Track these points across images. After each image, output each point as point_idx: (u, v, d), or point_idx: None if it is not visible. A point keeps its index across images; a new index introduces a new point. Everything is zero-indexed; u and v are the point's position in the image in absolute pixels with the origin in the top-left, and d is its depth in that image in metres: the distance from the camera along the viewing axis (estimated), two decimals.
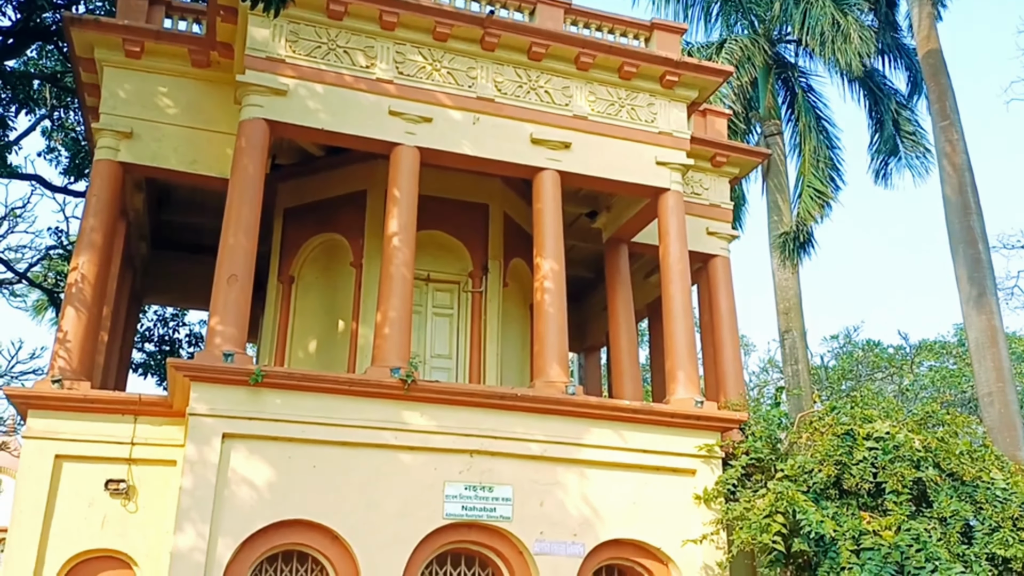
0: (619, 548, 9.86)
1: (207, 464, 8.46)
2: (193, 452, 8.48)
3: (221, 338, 8.96)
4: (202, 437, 8.55)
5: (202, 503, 8.33)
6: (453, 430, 9.40)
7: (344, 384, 9.19)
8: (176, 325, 19.18)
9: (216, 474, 8.46)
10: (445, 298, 12.24)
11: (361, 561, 8.70)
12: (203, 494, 8.36)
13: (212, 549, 8.24)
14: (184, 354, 18.48)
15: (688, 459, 10.23)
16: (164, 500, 9.39)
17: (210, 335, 9.12)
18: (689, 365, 10.84)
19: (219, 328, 9.03)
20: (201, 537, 8.21)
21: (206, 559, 8.17)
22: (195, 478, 8.40)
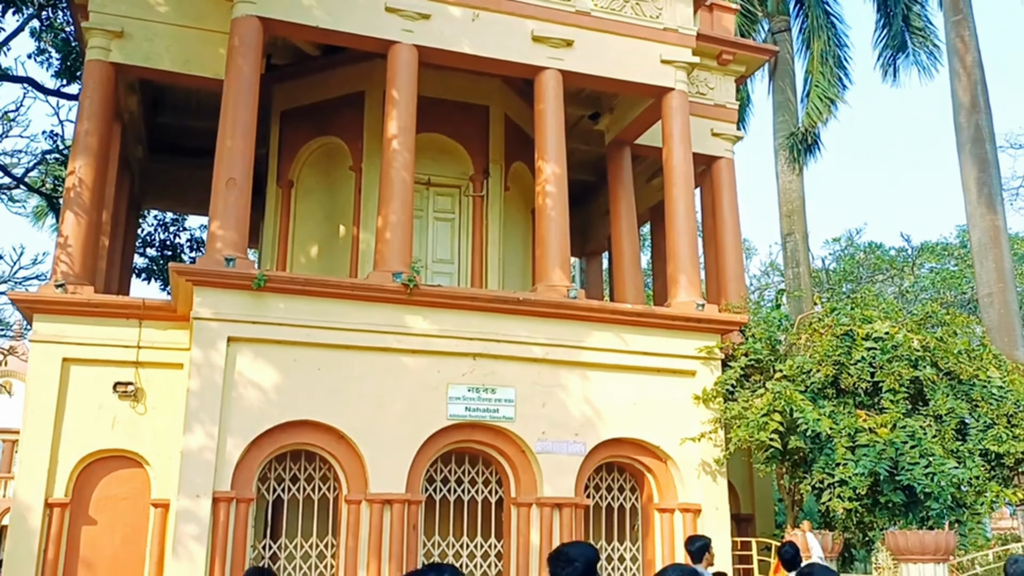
0: (619, 447, 10.08)
1: (213, 367, 8.57)
2: (199, 355, 8.58)
3: (222, 243, 8.94)
4: (207, 341, 8.63)
5: (210, 405, 8.48)
6: (456, 334, 9.47)
7: (347, 289, 9.22)
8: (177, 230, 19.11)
9: (223, 377, 8.58)
10: (446, 202, 12.15)
11: (367, 459, 8.92)
12: (210, 396, 8.50)
13: (221, 448, 8.43)
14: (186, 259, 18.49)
15: (688, 361, 10.35)
16: (172, 402, 9.56)
17: (211, 240, 9.09)
18: (691, 268, 10.84)
19: (219, 233, 8.99)
20: (210, 437, 8.39)
21: (216, 458, 8.37)
22: (202, 380, 8.52)
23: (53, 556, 9.09)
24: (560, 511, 9.50)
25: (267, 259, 12.14)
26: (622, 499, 10.41)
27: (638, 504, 10.44)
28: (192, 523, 8.16)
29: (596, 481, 10.27)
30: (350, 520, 8.87)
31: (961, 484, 8.57)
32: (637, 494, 10.48)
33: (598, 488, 10.29)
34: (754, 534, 11.20)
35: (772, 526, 11.82)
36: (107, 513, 9.44)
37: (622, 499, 10.41)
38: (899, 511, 8.67)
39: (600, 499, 10.28)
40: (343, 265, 11.50)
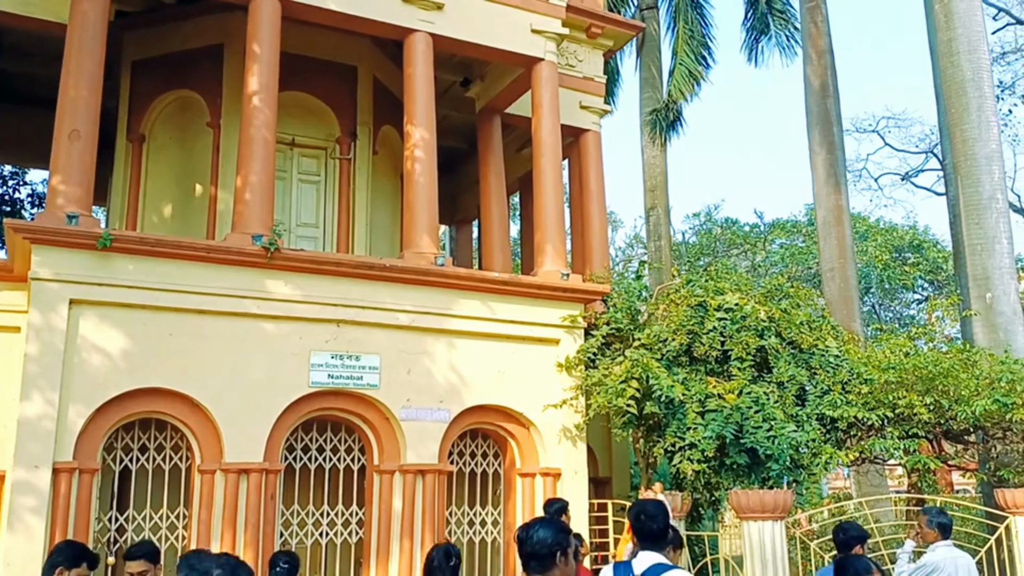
0: (484, 413, 10.19)
1: (54, 331, 8.04)
2: (38, 319, 8.02)
3: (64, 199, 8.34)
4: (47, 303, 8.07)
5: (50, 370, 7.96)
6: (319, 299, 9.26)
7: (202, 251, 8.81)
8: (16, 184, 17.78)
9: (64, 341, 8.06)
10: (311, 164, 11.81)
11: (223, 428, 8.63)
12: (50, 361, 7.98)
13: (63, 417, 7.95)
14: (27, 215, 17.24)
15: (553, 329, 10.53)
16: (8, 368, 8.88)
17: (51, 195, 8.46)
18: (557, 238, 11.01)
19: (61, 188, 8.39)
20: (50, 405, 7.89)
21: (56, 427, 7.88)
22: (41, 345, 7.98)
23: None
24: (423, 477, 9.53)
25: (115, 218, 11.45)
26: (485, 465, 10.55)
27: (501, 469, 10.61)
28: (30, 495, 7.68)
29: (460, 448, 10.36)
30: (204, 490, 8.58)
31: (799, 446, 9.16)
32: (500, 459, 10.64)
33: (462, 454, 10.38)
34: (611, 496, 11.60)
35: (628, 488, 12.29)
36: None
37: (485, 465, 10.55)
38: (743, 472, 9.18)
39: (464, 465, 10.39)
40: (199, 226, 11.00)
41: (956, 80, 12.40)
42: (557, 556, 3.34)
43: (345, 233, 11.64)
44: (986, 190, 12.02)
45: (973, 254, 12.08)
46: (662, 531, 4.24)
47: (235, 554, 8.32)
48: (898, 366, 9.61)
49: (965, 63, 12.33)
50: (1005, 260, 11.87)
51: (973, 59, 12.31)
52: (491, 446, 10.63)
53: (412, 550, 9.31)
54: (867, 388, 9.64)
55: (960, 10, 12.44)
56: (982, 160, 12.10)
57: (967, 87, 12.28)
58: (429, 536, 9.37)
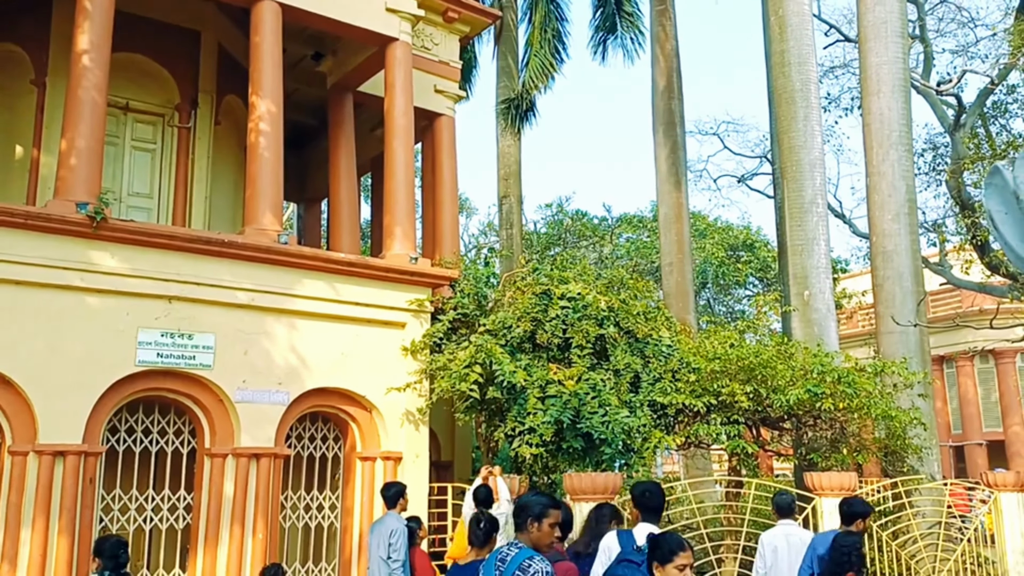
0: (325, 396, 10.03)
1: None
2: None
3: None
4: None
5: None
6: (149, 274, 8.79)
7: (20, 217, 8.16)
8: None
9: None
10: (147, 131, 11.21)
11: (37, 407, 8.07)
12: None
13: None
14: None
15: (399, 313, 10.50)
16: None
17: None
18: (407, 222, 10.96)
19: None
20: None
21: None
22: None
23: None
24: (258, 461, 9.28)
25: None
26: (325, 448, 10.39)
27: (341, 453, 10.48)
28: None
29: (299, 431, 10.16)
30: (14, 473, 7.98)
31: (631, 431, 9.55)
32: (341, 443, 10.52)
33: (300, 438, 10.18)
34: (452, 480, 11.70)
35: (470, 472, 12.44)
36: None
37: (325, 448, 10.39)
38: (578, 456, 9.49)
39: (303, 448, 10.19)
40: (19, 190, 10.21)
41: (786, 90, 13.26)
42: (529, 522, 4.16)
43: (182, 205, 11.13)
44: (808, 194, 12.94)
45: (794, 254, 13.00)
46: (659, 506, 5.15)
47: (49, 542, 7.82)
48: (723, 356, 10.20)
49: (795, 74, 13.21)
50: (822, 260, 12.85)
51: (802, 71, 13.21)
52: (332, 429, 10.49)
53: (243, 536, 9.05)
54: (695, 376, 10.17)
55: (793, 24, 13.30)
56: (806, 166, 13.02)
57: (796, 97, 13.16)
58: (262, 521, 9.14)
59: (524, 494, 4.44)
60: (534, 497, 4.25)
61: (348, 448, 10.45)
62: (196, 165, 11.37)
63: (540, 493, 4.32)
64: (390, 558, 7.72)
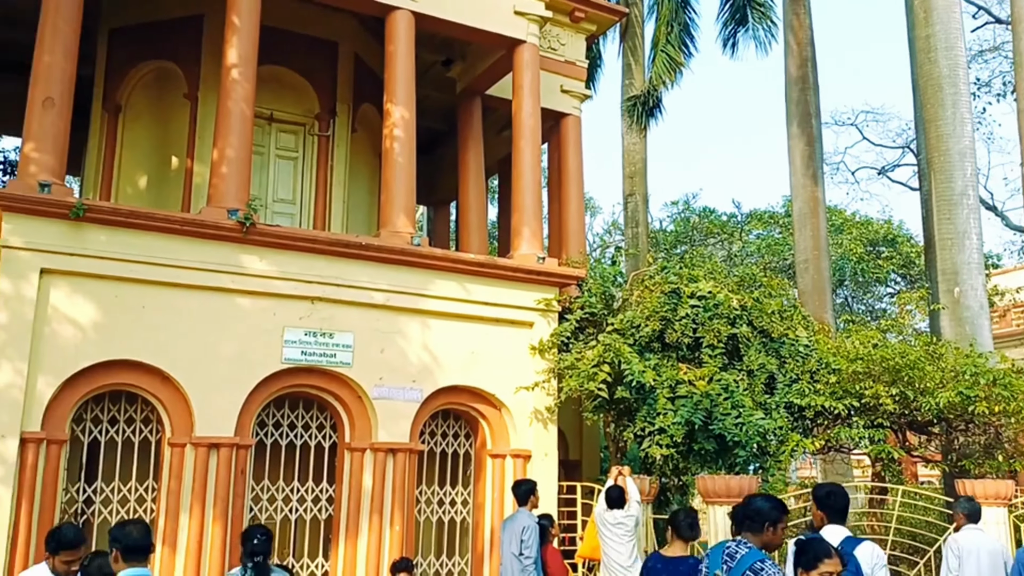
0: (456, 394, 10.23)
1: (24, 300, 7.96)
2: (8, 287, 7.95)
3: (37, 166, 8.25)
4: (17, 272, 7.99)
5: (19, 340, 7.89)
6: (294, 276, 9.24)
7: (177, 223, 8.76)
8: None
9: (34, 311, 7.98)
10: (289, 140, 11.75)
11: (194, 402, 8.62)
12: (20, 331, 7.91)
13: (31, 387, 7.90)
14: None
15: (527, 312, 10.58)
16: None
17: (24, 163, 8.37)
18: (534, 222, 11.05)
19: (34, 155, 8.30)
20: (18, 374, 7.83)
21: (24, 396, 7.83)
22: (10, 314, 7.91)
23: None
24: (394, 456, 9.58)
25: (89, 188, 11.33)
26: (456, 445, 10.61)
27: (472, 450, 10.68)
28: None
29: (432, 427, 10.40)
30: (173, 463, 8.58)
31: (767, 433, 9.30)
32: (471, 440, 10.71)
33: (433, 434, 10.43)
34: (580, 479, 11.71)
35: (598, 471, 12.41)
36: None
37: (456, 445, 10.61)
38: (710, 458, 9.31)
39: (435, 445, 10.44)
40: (175, 199, 10.93)
41: (933, 76, 12.55)
42: (766, 526, 4.22)
43: (322, 210, 11.62)
44: (958, 186, 12.20)
45: (943, 249, 12.28)
46: (845, 508, 5.07)
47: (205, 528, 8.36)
48: (866, 357, 9.76)
49: (942, 59, 12.48)
50: (974, 255, 12.08)
51: (950, 56, 12.46)
52: (463, 426, 10.70)
53: (381, 528, 9.37)
54: (835, 378, 9.79)
55: (939, 6, 12.57)
56: (955, 156, 12.28)
57: (943, 83, 12.43)
58: (399, 514, 9.44)
59: (754, 494, 4.50)
60: (767, 501, 4.30)
61: (479, 445, 10.63)
62: (334, 171, 11.85)
63: (767, 496, 4.38)
64: (522, 555, 7.82)
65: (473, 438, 10.70)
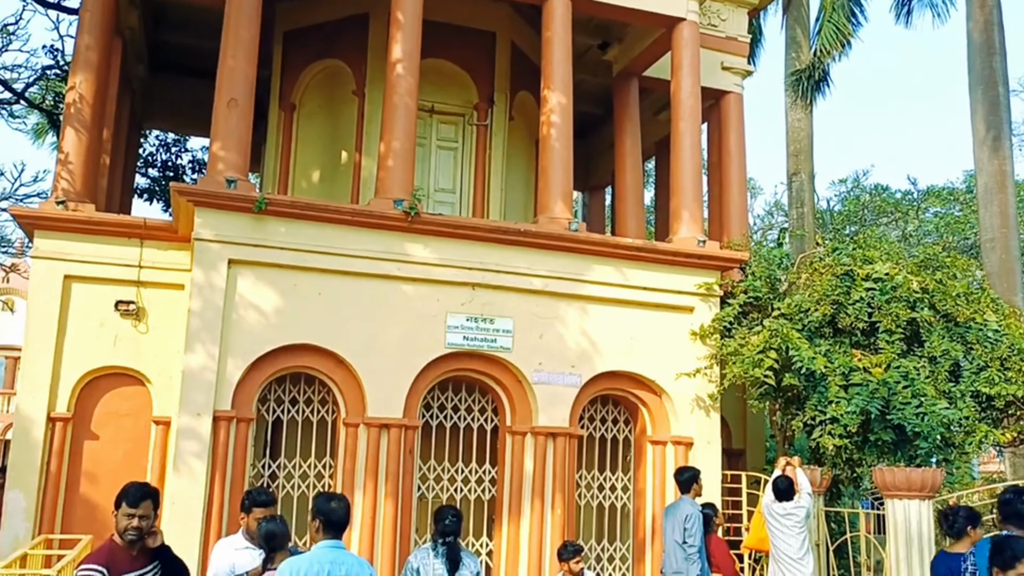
0: (615, 380, 10.19)
1: (214, 288, 8.60)
2: (200, 276, 8.61)
3: (223, 164, 8.88)
4: (208, 262, 8.64)
5: (211, 325, 8.54)
6: (456, 263, 9.48)
7: (347, 214, 9.19)
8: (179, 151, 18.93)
9: (223, 298, 8.62)
10: (450, 131, 12.02)
11: (366, 384, 9.03)
12: (211, 317, 8.56)
13: (222, 369, 8.52)
14: (188, 180, 18.37)
15: (687, 297, 10.39)
16: (173, 322, 9.64)
17: (212, 161, 9.03)
18: (694, 204, 10.80)
19: (221, 154, 8.93)
20: (211, 357, 8.48)
21: (216, 378, 8.47)
22: (203, 301, 8.57)
23: (56, 468, 9.28)
24: (554, 440, 9.67)
25: (268, 182, 12.07)
26: (615, 431, 10.57)
27: (631, 436, 10.61)
28: (193, 440, 8.32)
29: (591, 412, 10.41)
30: (348, 443, 9.03)
31: (951, 424, 8.68)
32: (631, 426, 10.64)
33: (592, 419, 10.43)
34: (744, 468, 11.41)
35: (763, 461, 12.04)
36: (109, 428, 9.59)
37: (615, 431, 10.57)
38: (888, 449, 8.80)
39: (594, 430, 10.44)
40: (344, 191, 11.44)
41: None
42: None
43: (481, 198, 11.83)
44: None
45: None
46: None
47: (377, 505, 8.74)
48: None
49: None
50: None
51: None
52: (622, 412, 10.64)
53: (543, 510, 9.49)
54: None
55: None
56: None
57: None
58: (559, 498, 9.52)
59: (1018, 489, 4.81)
60: None
61: (638, 431, 10.54)
62: (492, 160, 12.02)
63: None
64: (685, 543, 7.68)
65: (633, 424, 10.63)
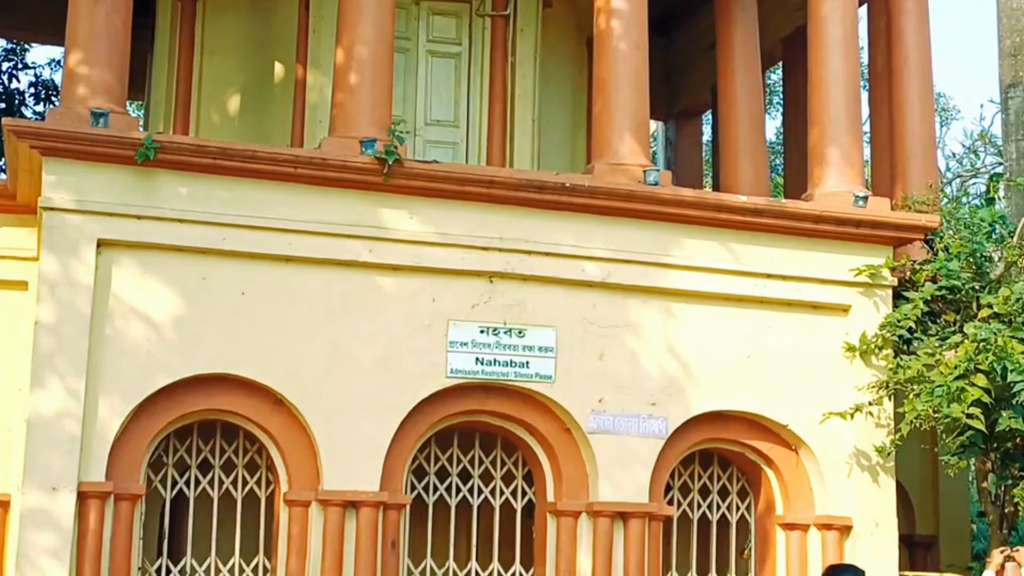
0: (722, 425, 10.20)
1: (76, 286, 8.57)
2: (53, 268, 8.58)
3: (87, 87, 8.88)
4: (65, 244, 8.62)
5: (71, 346, 8.50)
6: (461, 240, 9.48)
7: (287, 164, 9.15)
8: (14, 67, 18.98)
9: (91, 302, 8.58)
10: (448, 27, 12.04)
11: (320, 438, 9.00)
12: (72, 332, 8.52)
13: (91, 415, 8.48)
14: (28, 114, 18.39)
15: (838, 289, 10.37)
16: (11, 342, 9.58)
17: (68, 82, 9.03)
18: (847, 137, 10.76)
19: (83, 71, 8.91)
20: (73, 397, 8.44)
21: (82, 430, 8.44)
22: (58, 308, 8.54)
23: None
24: (625, 524, 9.66)
25: (158, 117, 12.17)
26: (724, 508, 10.57)
27: (749, 516, 10.63)
28: (46, 530, 8.29)
29: (684, 479, 10.45)
30: (292, 531, 9.05)
31: None
32: (749, 500, 10.65)
33: (686, 490, 10.46)
34: (937, 567, 11.31)
35: (967, 555, 11.96)
36: None
37: (724, 508, 10.57)
38: None
39: (690, 507, 10.46)
40: (281, 126, 11.54)
41: None
42: None
43: (500, 134, 11.83)
44: None
45: None
46: None
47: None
48: None
49: None
50: None
51: None
52: (734, 478, 10.65)
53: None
54: None
55: None
56: None
57: None
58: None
59: None
60: None
61: (761, 508, 10.53)
62: (517, 72, 11.99)
63: None
64: None
65: (752, 497, 10.62)
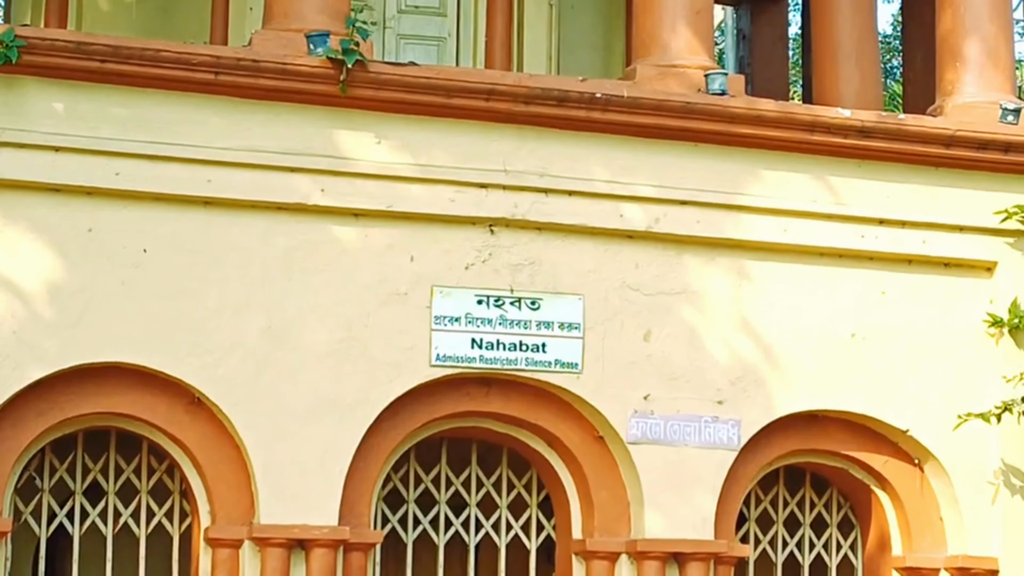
0: (817, 431, 10.54)
1: None
2: None
3: None
4: None
5: None
6: (450, 174, 9.73)
7: (205, 69, 9.32)
8: None
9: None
10: None
11: (252, 450, 9.27)
12: None
13: None
14: None
15: (979, 238, 10.70)
16: None
17: None
18: (990, 28, 11.02)
19: None
20: None
21: None
22: None
23: None
24: (681, 570, 9.99)
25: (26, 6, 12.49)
26: (820, 546, 10.93)
27: (855, 556, 11.00)
28: None
29: (764, 506, 10.83)
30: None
31: None
32: (855, 535, 11.00)
33: (767, 522, 10.82)
34: None
35: None
36: None
37: (820, 546, 10.93)
38: None
39: (771, 546, 10.82)
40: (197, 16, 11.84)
41: None
42: None
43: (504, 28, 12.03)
44: None
45: None
46: None
47: None
48: None
49: None
50: None
51: None
52: (833, 504, 11.01)
53: None
54: None
55: None
56: None
57: None
58: None
59: None
60: None
61: (871, 546, 10.89)
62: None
63: None
64: None
65: (858, 529, 10.98)
